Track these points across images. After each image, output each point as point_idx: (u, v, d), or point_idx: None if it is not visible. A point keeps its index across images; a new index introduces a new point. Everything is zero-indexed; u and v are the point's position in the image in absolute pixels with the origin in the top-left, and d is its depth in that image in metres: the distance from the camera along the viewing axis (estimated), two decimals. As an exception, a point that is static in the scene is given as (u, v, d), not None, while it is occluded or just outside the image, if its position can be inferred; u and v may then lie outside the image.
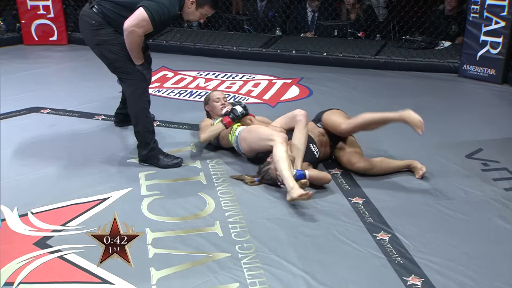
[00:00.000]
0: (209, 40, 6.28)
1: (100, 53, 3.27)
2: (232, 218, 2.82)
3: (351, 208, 2.93)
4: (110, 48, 3.19)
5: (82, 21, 3.28)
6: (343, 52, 5.81)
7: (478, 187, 3.15)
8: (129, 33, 3.04)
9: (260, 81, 5.24)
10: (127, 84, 3.32)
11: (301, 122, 3.24)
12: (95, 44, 3.25)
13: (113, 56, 3.21)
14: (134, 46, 3.11)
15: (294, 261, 2.45)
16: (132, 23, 3.02)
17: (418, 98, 4.76)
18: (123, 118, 3.90)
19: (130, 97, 3.35)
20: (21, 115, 4.30)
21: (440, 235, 2.68)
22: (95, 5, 3.17)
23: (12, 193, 3.05)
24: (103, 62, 3.34)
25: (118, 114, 4.00)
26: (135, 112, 3.35)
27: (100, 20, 3.16)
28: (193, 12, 3.25)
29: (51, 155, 3.55)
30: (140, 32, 3.05)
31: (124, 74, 3.28)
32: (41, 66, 5.73)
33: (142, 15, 3.01)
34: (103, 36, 3.18)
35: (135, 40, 3.08)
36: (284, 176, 2.97)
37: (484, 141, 3.77)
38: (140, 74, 3.25)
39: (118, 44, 3.15)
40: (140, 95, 3.30)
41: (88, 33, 3.26)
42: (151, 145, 3.36)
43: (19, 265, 2.42)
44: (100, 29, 3.17)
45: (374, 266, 2.44)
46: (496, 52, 5.06)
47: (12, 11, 6.77)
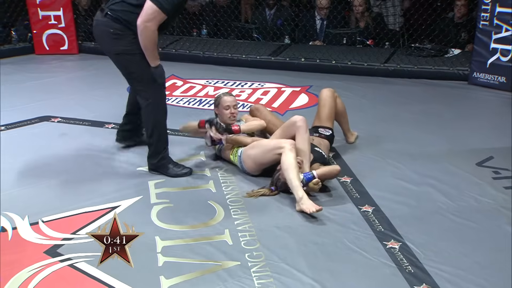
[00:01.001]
0: (218, 49, 6.31)
1: (118, 62, 3.23)
2: (241, 227, 2.82)
3: (361, 216, 2.92)
4: (130, 59, 3.13)
5: (98, 30, 3.22)
6: (352, 60, 5.81)
7: (489, 195, 3.12)
8: (142, 30, 2.97)
9: (269, 89, 5.25)
10: (143, 95, 3.25)
11: (302, 128, 3.24)
12: (114, 54, 3.19)
13: (132, 66, 3.16)
14: (148, 43, 3.02)
15: (303, 270, 2.44)
16: (143, 19, 2.94)
17: (427, 105, 4.75)
18: (127, 136, 3.74)
19: (146, 108, 3.27)
20: (32, 124, 4.34)
21: (451, 243, 2.66)
22: (107, 12, 3.11)
23: (23, 202, 3.07)
24: (121, 71, 3.29)
25: (122, 131, 3.74)
26: (151, 123, 3.29)
27: (118, 26, 3.09)
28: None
29: (61, 164, 3.57)
30: (153, 26, 2.96)
31: (141, 85, 3.22)
32: (52, 75, 5.78)
33: (150, 7, 2.94)
34: (124, 45, 3.11)
35: (149, 35, 2.99)
36: (292, 185, 2.98)
37: (495, 149, 3.75)
38: (157, 85, 3.18)
39: (139, 54, 3.08)
40: (157, 105, 3.25)
41: (107, 42, 3.19)
42: (161, 154, 3.34)
43: (30, 273, 2.43)
44: (120, 38, 3.10)
45: (385, 275, 2.43)
46: (507, 60, 5.04)
47: (24, 21, 6.84)
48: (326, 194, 3.15)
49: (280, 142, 3.17)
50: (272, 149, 3.19)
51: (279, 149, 3.13)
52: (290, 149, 3.09)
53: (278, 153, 3.13)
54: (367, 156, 3.67)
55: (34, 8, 6.50)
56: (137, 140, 3.75)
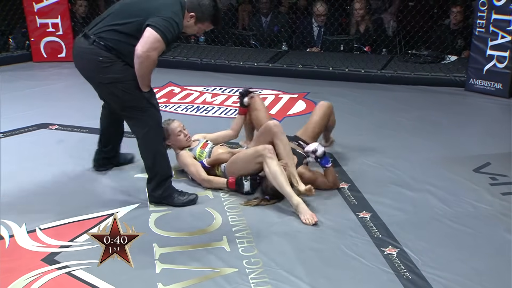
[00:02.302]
0: (215, 56, 6.32)
1: (109, 92, 2.97)
2: (239, 233, 2.82)
3: (358, 223, 2.92)
4: (123, 87, 2.89)
5: (83, 59, 2.95)
6: (349, 67, 5.83)
7: (486, 201, 3.13)
8: (144, 59, 2.75)
9: (266, 96, 5.25)
10: (139, 124, 3.00)
11: (278, 133, 3.22)
12: (104, 84, 2.94)
13: (126, 94, 2.91)
14: (147, 72, 2.83)
15: (301, 276, 2.44)
16: (146, 48, 2.73)
17: (424, 111, 4.76)
18: (106, 162, 3.54)
19: (144, 138, 3.01)
20: (30, 131, 4.34)
21: (448, 249, 2.66)
22: (96, 39, 2.87)
23: (21, 209, 3.07)
24: (112, 101, 3.07)
25: (100, 158, 3.52)
26: (152, 153, 3.04)
27: (108, 54, 2.86)
28: (191, 26, 2.99)
29: (59, 171, 3.56)
30: (155, 55, 2.77)
31: (137, 112, 2.96)
32: (49, 83, 5.78)
33: (153, 36, 2.74)
34: (115, 73, 2.88)
35: (150, 65, 2.79)
36: (284, 193, 3.01)
37: (492, 155, 3.75)
38: (154, 109, 2.98)
39: (132, 81, 2.86)
40: (155, 133, 3.03)
41: (95, 71, 2.92)
42: (167, 184, 3.10)
43: (27, 281, 2.42)
44: (110, 66, 2.87)
45: (382, 281, 2.43)
46: (503, 66, 5.06)
47: (21, 29, 6.85)
48: (323, 201, 3.15)
49: (258, 151, 3.14)
50: (252, 159, 3.16)
51: (259, 157, 3.12)
52: (269, 157, 3.07)
53: (259, 161, 3.13)
54: (364, 162, 3.67)
55: (32, 16, 6.51)
56: (115, 162, 3.58)
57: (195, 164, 3.37)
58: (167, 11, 2.81)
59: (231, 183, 3.23)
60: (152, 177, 3.08)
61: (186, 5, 2.91)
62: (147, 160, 3.08)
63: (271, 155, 3.08)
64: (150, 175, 3.09)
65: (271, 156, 3.08)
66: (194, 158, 3.42)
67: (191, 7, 2.93)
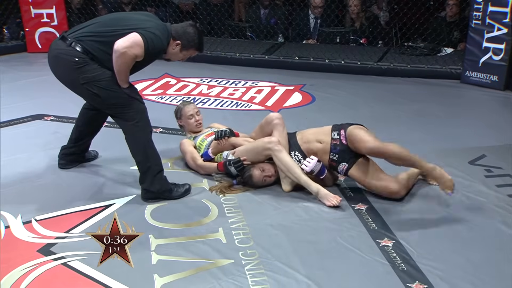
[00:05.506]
0: (211, 47, 6.31)
1: (88, 93, 2.95)
2: (235, 225, 2.83)
3: (354, 215, 2.93)
4: (99, 84, 2.89)
5: (58, 60, 2.95)
6: (346, 59, 5.83)
7: (482, 193, 3.14)
8: (121, 54, 2.76)
9: (262, 88, 5.25)
10: (125, 119, 2.99)
11: (280, 125, 3.23)
12: (80, 84, 2.92)
13: (105, 92, 2.91)
14: (124, 68, 2.84)
15: (297, 268, 2.45)
16: (125, 44, 2.75)
17: (420, 104, 4.77)
18: (75, 159, 3.51)
19: (132, 132, 3.00)
20: (24, 122, 4.33)
21: (443, 241, 2.68)
22: (74, 42, 2.88)
23: (16, 200, 3.06)
24: (93, 102, 3.09)
25: (67, 155, 3.49)
26: (142, 147, 3.02)
27: (84, 56, 2.87)
28: (177, 54, 3.04)
29: (54, 162, 3.55)
30: (132, 54, 2.78)
31: (120, 108, 2.97)
32: (44, 74, 5.69)
33: (136, 38, 2.78)
34: (89, 72, 2.88)
35: (127, 61, 2.81)
36: (302, 182, 3.05)
37: (487, 147, 3.77)
38: (138, 102, 2.98)
39: (108, 79, 2.88)
40: (143, 126, 3.00)
41: (69, 73, 2.93)
42: (162, 178, 3.08)
43: (23, 272, 2.42)
44: (85, 66, 2.87)
45: (378, 273, 2.44)
46: (499, 59, 5.07)
47: (16, 19, 6.82)
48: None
49: (263, 144, 3.17)
50: (261, 151, 3.19)
51: (266, 150, 3.15)
52: (277, 150, 3.10)
53: (267, 154, 3.17)
54: (360, 154, 3.67)
55: (27, 6, 6.48)
56: (82, 160, 3.56)
57: (192, 151, 3.46)
58: (155, 30, 2.88)
59: (220, 165, 3.31)
60: (144, 171, 3.03)
61: (172, 33, 2.98)
62: (137, 155, 3.05)
63: (279, 147, 3.11)
64: (142, 170, 3.04)
65: (279, 148, 3.10)
66: (194, 147, 3.50)
67: (177, 35, 3.00)
